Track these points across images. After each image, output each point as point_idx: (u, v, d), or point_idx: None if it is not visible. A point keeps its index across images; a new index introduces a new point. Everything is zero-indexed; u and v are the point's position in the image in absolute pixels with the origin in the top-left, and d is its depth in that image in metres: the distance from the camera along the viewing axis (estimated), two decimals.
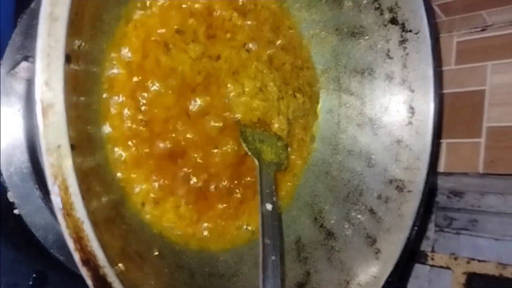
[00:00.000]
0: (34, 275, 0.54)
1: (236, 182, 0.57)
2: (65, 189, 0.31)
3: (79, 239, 0.32)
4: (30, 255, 0.54)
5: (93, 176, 0.39)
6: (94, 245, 0.33)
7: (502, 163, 0.72)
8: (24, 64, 0.45)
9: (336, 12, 0.66)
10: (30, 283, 0.54)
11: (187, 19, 0.50)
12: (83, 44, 0.38)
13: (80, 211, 0.32)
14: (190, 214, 0.52)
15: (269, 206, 0.55)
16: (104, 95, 0.45)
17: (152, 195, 0.48)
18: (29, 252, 0.54)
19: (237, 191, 0.58)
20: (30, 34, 0.50)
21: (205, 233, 0.55)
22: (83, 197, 0.33)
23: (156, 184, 0.48)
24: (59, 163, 0.31)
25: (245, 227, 0.60)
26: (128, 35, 0.47)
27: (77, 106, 0.38)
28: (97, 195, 0.39)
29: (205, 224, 0.55)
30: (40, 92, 0.31)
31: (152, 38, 0.48)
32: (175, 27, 0.50)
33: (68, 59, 0.38)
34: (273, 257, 0.49)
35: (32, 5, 0.51)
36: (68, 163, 0.32)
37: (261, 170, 0.61)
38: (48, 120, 0.31)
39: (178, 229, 0.51)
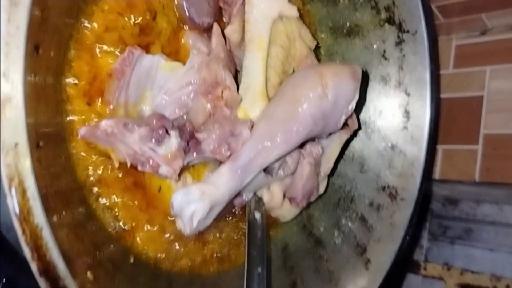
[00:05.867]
0: (4, 281, 0.51)
1: None
2: (22, 192, 0.29)
3: (37, 248, 0.29)
4: (1, 260, 0.51)
5: (58, 176, 0.36)
6: (54, 254, 0.30)
7: (498, 171, 0.70)
8: None
9: (331, 9, 0.64)
10: None
11: None
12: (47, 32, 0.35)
13: (39, 217, 0.29)
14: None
15: (257, 215, 0.53)
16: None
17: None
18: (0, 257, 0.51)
19: None
20: None
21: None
22: (43, 202, 0.30)
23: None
24: (16, 163, 0.28)
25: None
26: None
27: (39, 100, 0.34)
28: (62, 198, 0.36)
29: None
30: None
31: None
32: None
33: (37, 49, 0.35)
34: (259, 269, 0.47)
35: None
36: (26, 164, 0.29)
37: None
38: (5, 115, 0.28)
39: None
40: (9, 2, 0.29)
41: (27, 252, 0.29)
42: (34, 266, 0.29)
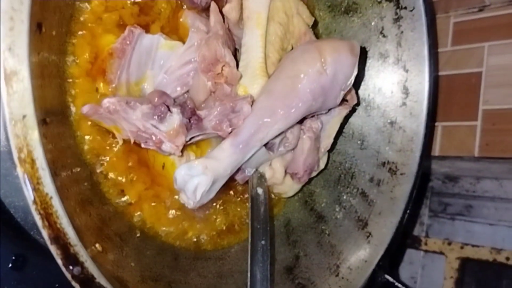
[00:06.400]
0: (13, 258, 0.52)
1: None
2: (31, 162, 0.29)
3: (48, 216, 0.30)
4: (9, 238, 0.52)
5: (64, 152, 0.37)
6: (64, 222, 0.31)
7: (498, 146, 0.71)
8: None
9: None
10: (9, 265, 0.52)
11: None
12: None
13: (48, 186, 0.30)
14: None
15: (260, 191, 0.54)
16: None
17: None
18: (8, 234, 0.52)
19: None
20: None
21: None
22: (52, 172, 0.31)
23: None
24: (24, 134, 0.29)
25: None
26: None
27: (43, 78, 0.35)
28: (68, 173, 0.37)
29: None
30: (2, 58, 0.29)
31: None
32: None
33: (39, 27, 0.36)
34: (262, 242, 0.48)
35: None
36: (34, 135, 0.30)
37: None
38: (12, 88, 0.29)
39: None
40: None
41: (37, 220, 0.30)
42: (45, 234, 0.30)
